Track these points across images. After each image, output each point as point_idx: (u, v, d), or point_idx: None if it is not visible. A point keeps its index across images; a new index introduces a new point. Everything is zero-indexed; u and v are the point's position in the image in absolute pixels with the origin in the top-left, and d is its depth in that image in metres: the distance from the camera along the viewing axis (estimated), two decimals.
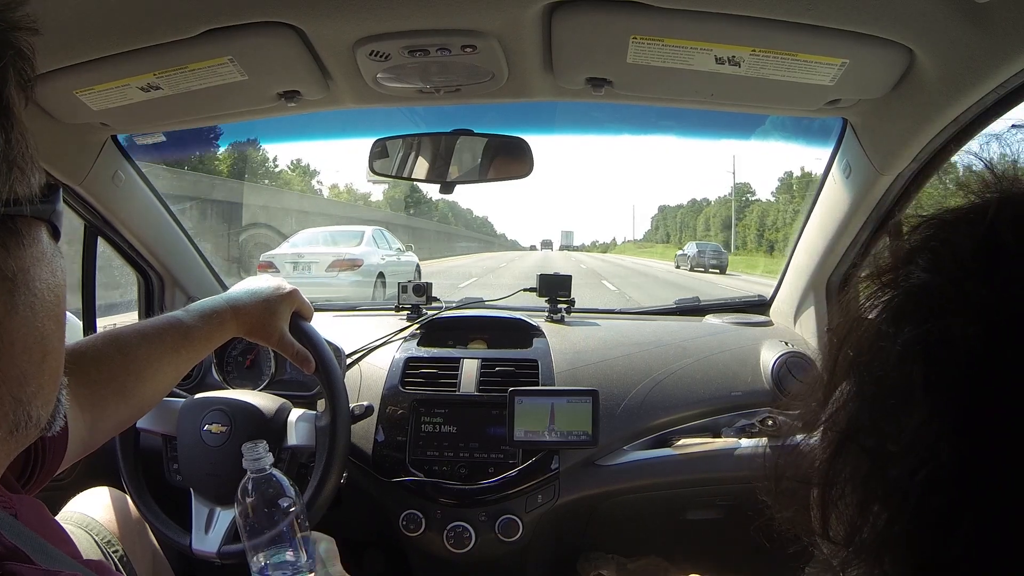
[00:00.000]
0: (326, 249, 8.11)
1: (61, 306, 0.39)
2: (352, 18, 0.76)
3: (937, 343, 0.27)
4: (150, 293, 1.39)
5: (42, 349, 0.38)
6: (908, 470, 0.27)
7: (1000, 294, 0.27)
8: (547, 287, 1.44)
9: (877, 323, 0.31)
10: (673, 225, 71.54)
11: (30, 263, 0.36)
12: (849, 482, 0.30)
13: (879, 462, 0.29)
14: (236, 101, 0.99)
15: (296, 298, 0.93)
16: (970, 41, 0.70)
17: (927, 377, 0.27)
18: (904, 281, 0.30)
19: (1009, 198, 0.30)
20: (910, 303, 0.30)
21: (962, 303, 0.27)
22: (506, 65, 0.87)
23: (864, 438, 0.30)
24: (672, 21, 0.76)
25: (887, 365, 0.29)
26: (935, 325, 0.28)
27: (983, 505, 0.26)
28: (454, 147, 1.14)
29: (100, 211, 1.20)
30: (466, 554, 1.06)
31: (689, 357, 1.23)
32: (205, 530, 0.95)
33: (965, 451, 0.26)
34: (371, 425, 1.14)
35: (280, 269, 7.32)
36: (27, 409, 0.37)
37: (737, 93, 0.92)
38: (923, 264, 0.30)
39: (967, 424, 0.26)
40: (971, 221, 0.30)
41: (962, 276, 0.28)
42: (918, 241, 0.31)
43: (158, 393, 0.80)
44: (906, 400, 0.28)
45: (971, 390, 0.26)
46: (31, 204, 0.36)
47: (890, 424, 0.28)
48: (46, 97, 0.93)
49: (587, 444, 1.07)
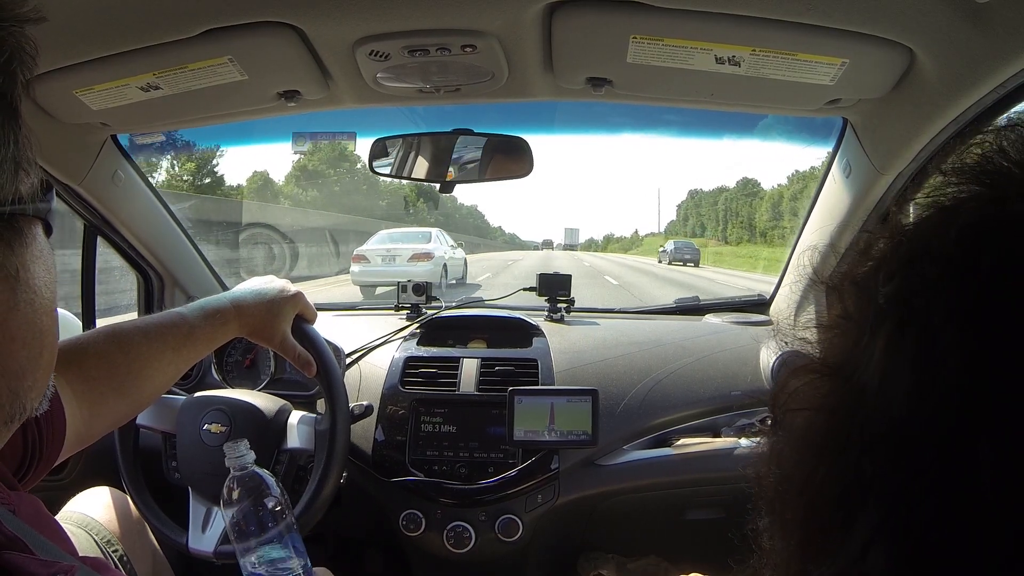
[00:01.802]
0: (405, 245, 10.30)
1: (54, 302, 0.40)
2: (352, 18, 0.76)
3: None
4: (150, 293, 1.39)
5: (40, 344, 0.38)
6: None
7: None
8: (547, 286, 1.44)
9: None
10: (712, 214, 58.02)
11: (30, 260, 0.37)
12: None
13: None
14: (236, 101, 0.99)
15: (300, 301, 0.93)
16: (970, 41, 0.70)
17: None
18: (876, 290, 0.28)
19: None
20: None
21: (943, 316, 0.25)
22: (506, 65, 0.87)
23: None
24: (672, 21, 0.76)
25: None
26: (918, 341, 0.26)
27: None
28: (454, 146, 1.14)
29: (100, 211, 1.20)
30: (466, 554, 1.06)
31: (689, 356, 1.23)
32: (202, 529, 0.95)
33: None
34: (371, 425, 1.14)
35: (371, 261, 9.68)
36: (23, 401, 0.38)
37: (737, 93, 0.92)
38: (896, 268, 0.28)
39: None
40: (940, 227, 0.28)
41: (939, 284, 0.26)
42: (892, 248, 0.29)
43: (157, 390, 0.80)
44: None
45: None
46: (32, 203, 0.36)
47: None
48: (46, 97, 0.93)
49: (587, 444, 1.07)
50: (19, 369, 0.37)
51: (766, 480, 0.32)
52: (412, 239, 10.87)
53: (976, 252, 0.25)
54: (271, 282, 0.93)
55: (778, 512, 0.31)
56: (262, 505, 0.73)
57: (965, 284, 0.25)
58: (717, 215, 56.20)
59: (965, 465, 0.23)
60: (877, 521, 0.25)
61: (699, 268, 21.55)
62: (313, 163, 22.70)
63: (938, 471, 0.24)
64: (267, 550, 0.72)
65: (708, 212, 60.12)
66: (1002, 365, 0.23)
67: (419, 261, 9.64)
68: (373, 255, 9.89)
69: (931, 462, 0.24)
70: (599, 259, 31.14)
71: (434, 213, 29.11)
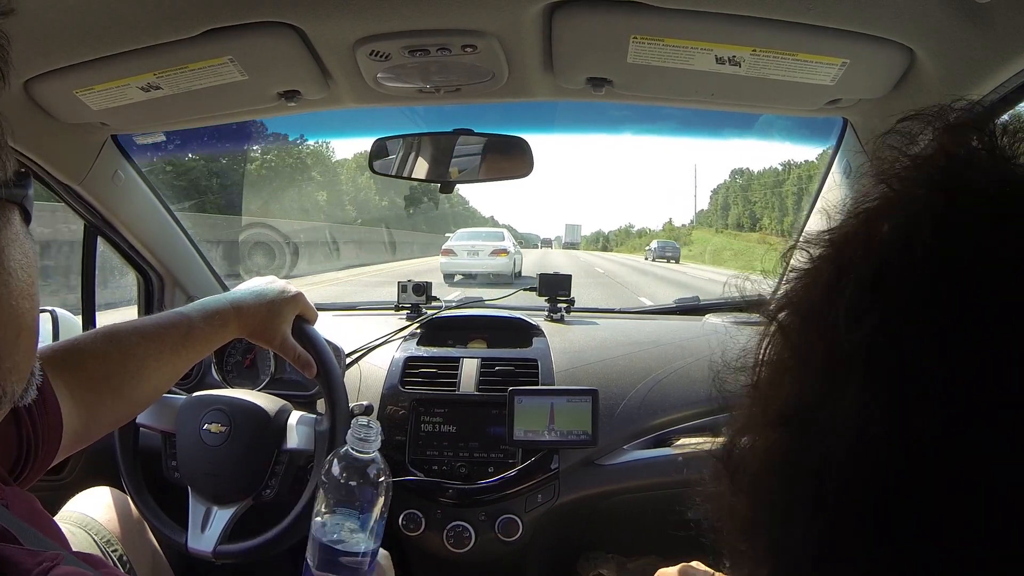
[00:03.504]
0: (485, 242, 12.38)
1: (34, 286, 0.40)
2: (352, 18, 0.76)
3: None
4: (150, 293, 1.39)
5: (16, 326, 0.39)
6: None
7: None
8: (547, 286, 1.44)
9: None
10: (765, 202, 46.77)
11: (5, 244, 0.38)
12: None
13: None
14: (236, 101, 0.99)
15: (301, 301, 0.92)
16: (970, 41, 0.70)
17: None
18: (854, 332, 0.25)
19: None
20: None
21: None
22: (506, 65, 0.87)
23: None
24: (672, 21, 0.76)
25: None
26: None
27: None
28: (454, 146, 1.14)
29: (100, 211, 1.20)
30: (466, 554, 1.06)
31: (689, 356, 1.23)
32: (202, 529, 0.95)
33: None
34: None
35: (458, 254, 11.93)
36: (2, 384, 0.38)
37: (737, 93, 0.92)
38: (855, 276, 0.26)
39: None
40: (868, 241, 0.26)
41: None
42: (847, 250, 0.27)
43: (156, 391, 0.80)
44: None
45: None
46: (6, 188, 0.37)
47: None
48: (46, 97, 0.93)
49: (587, 444, 1.07)
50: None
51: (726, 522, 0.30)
52: (490, 237, 13.03)
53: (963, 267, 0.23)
54: (271, 283, 0.92)
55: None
56: (364, 488, 0.68)
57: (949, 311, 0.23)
58: (778, 201, 45.62)
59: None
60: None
61: (680, 264, 24.70)
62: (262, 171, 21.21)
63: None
64: (346, 517, 0.67)
65: (762, 199, 49.16)
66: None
67: (499, 256, 11.82)
68: (459, 250, 12.08)
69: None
70: (603, 260, 29.87)
71: (423, 211, 29.29)
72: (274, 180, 20.78)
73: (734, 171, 53.53)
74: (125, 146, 1.19)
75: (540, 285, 1.45)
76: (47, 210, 4.33)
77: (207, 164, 13.07)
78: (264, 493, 0.98)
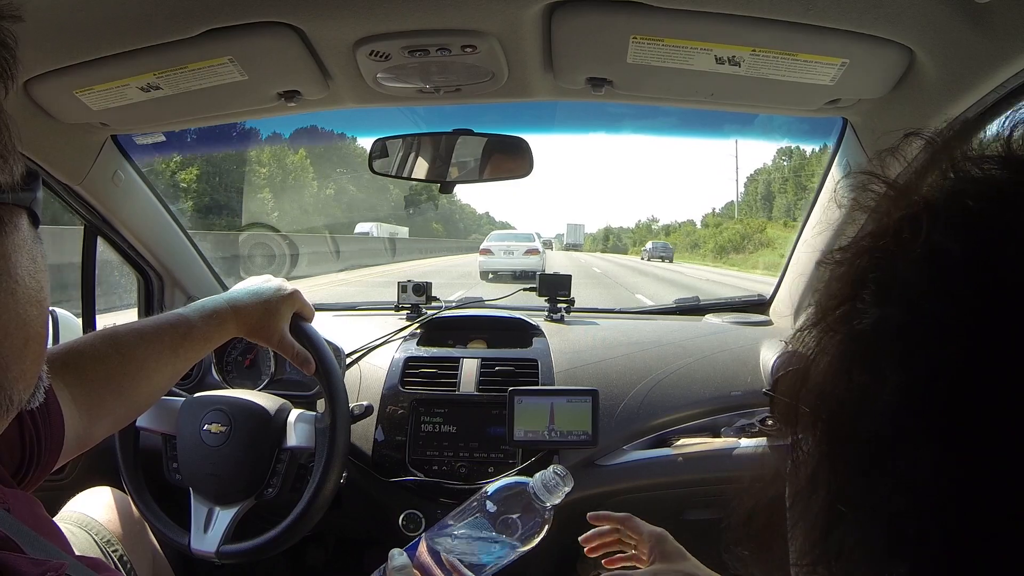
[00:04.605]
0: (519, 243, 14.11)
1: (43, 292, 0.39)
2: (352, 18, 0.76)
3: (927, 386, 0.24)
4: (150, 293, 1.39)
5: (24, 334, 0.38)
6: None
7: (982, 311, 0.24)
8: (547, 287, 1.44)
9: (837, 373, 0.28)
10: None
11: (11, 250, 0.37)
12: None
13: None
14: (236, 101, 0.99)
15: (297, 299, 0.93)
16: (970, 41, 0.70)
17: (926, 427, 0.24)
18: (856, 322, 0.27)
19: (931, 205, 0.27)
20: (874, 345, 0.26)
21: (940, 334, 0.24)
22: (506, 65, 0.87)
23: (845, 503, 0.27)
24: (672, 21, 0.76)
25: (866, 422, 0.26)
26: (919, 365, 0.25)
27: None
28: (454, 147, 1.14)
29: (100, 211, 1.20)
30: None
31: (689, 357, 1.23)
32: (204, 529, 0.95)
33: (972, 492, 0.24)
34: (371, 425, 1.14)
35: (495, 254, 13.46)
36: (9, 393, 0.38)
37: (737, 93, 0.92)
38: (871, 299, 0.27)
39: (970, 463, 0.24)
40: (904, 243, 0.27)
41: (925, 304, 0.25)
42: (857, 273, 0.28)
43: (156, 392, 0.80)
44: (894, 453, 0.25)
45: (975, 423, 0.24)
46: (12, 192, 0.36)
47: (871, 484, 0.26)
48: (46, 97, 0.93)
49: (587, 444, 1.07)
50: (3, 361, 0.37)
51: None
52: (522, 239, 14.74)
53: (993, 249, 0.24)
54: (268, 281, 0.93)
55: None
56: (519, 522, 0.69)
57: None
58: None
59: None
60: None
61: (674, 264, 27.08)
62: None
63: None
64: (480, 534, 0.67)
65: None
66: None
67: (532, 255, 13.40)
68: (496, 249, 13.72)
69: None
70: (600, 260, 30.14)
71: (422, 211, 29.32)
72: (274, 183, 20.66)
73: (780, 149, 45.78)
74: (125, 146, 1.19)
75: (540, 285, 1.45)
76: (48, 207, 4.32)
77: (209, 167, 13.07)
78: (266, 492, 0.98)
